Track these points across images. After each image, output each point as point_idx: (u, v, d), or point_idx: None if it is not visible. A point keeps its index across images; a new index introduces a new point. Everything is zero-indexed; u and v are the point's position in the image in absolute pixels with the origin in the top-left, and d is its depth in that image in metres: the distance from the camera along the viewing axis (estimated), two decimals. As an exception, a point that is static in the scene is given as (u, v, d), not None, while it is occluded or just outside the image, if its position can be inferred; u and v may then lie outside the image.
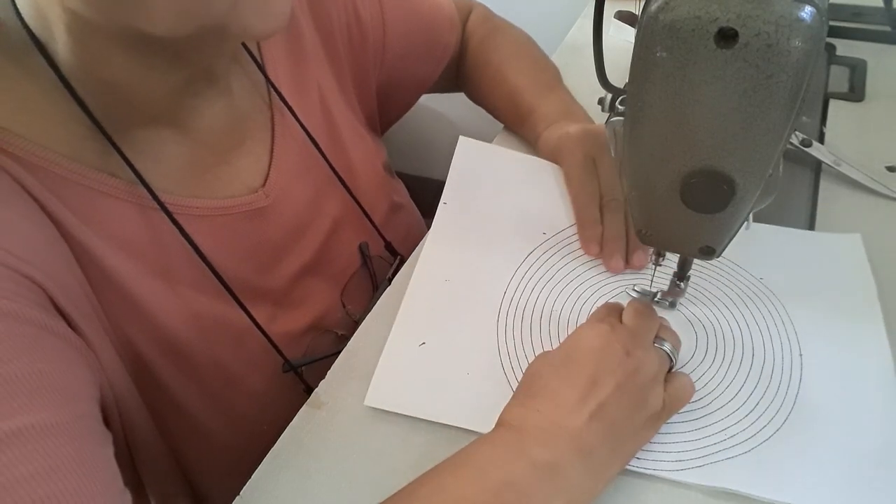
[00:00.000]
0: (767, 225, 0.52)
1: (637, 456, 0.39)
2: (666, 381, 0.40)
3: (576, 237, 0.53)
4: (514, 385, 0.43)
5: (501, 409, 0.38)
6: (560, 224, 0.54)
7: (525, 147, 0.64)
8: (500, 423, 0.37)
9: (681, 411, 0.41)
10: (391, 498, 0.34)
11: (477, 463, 0.34)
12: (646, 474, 0.39)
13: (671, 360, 0.41)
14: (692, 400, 0.41)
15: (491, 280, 0.50)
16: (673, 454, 0.39)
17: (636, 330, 0.40)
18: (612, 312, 0.43)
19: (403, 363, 0.45)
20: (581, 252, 0.52)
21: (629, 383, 0.37)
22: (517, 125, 0.66)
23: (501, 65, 0.68)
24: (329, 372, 0.46)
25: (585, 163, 0.55)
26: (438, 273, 0.51)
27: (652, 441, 0.39)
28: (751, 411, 0.41)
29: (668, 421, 0.40)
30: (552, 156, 0.59)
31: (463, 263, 0.51)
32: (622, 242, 0.51)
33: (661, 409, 0.38)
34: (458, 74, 0.74)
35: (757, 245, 0.50)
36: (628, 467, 0.38)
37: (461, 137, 0.61)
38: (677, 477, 0.38)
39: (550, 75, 0.68)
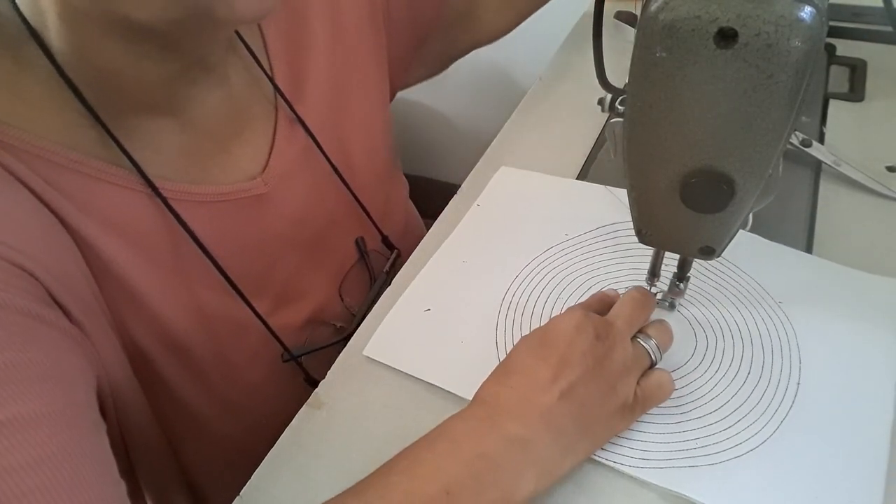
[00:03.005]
0: (806, 254, 0.50)
1: (604, 447, 0.39)
2: (645, 375, 0.40)
3: (596, 239, 0.53)
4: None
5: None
6: (585, 227, 0.54)
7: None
8: (475, 400, 0.38)
9: (658, 412, 0.40)
10: (373, 474, 0.34)
11: (451, 436, 0.35)
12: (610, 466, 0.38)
13: (651, 357, 0.40)
14: (674, 404, 0.41)
15: (505, 266, 0.52)
16: (638, 451, 0.39)
17: (616, 318, 0.40)
18: (590, 307, 0.43)
19: (406, 324, 0.48)
20: (597, 251, 0.52)
21: (598, 368, 0.37)
22: None
23: None
24: (329, 372, 0.46)
25: None
26: (458, 254, 0.54)
27: (621, 435, 0.39)
28: (729, 427, 0.40)
29: (643, 420, 0.40)
30: None
31: (483, 250, 0.54)
32: None
33: (633, 401, 0.38)
34: None
35: (785, 270, 0.48)
36: (593, 457, 0.39)
37: (503, 168, 0.61)
38: (637, 474, 0.38)
39: None
